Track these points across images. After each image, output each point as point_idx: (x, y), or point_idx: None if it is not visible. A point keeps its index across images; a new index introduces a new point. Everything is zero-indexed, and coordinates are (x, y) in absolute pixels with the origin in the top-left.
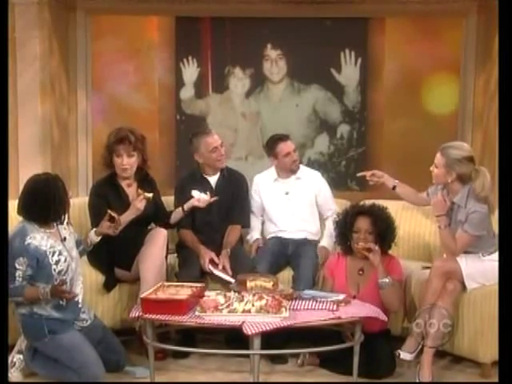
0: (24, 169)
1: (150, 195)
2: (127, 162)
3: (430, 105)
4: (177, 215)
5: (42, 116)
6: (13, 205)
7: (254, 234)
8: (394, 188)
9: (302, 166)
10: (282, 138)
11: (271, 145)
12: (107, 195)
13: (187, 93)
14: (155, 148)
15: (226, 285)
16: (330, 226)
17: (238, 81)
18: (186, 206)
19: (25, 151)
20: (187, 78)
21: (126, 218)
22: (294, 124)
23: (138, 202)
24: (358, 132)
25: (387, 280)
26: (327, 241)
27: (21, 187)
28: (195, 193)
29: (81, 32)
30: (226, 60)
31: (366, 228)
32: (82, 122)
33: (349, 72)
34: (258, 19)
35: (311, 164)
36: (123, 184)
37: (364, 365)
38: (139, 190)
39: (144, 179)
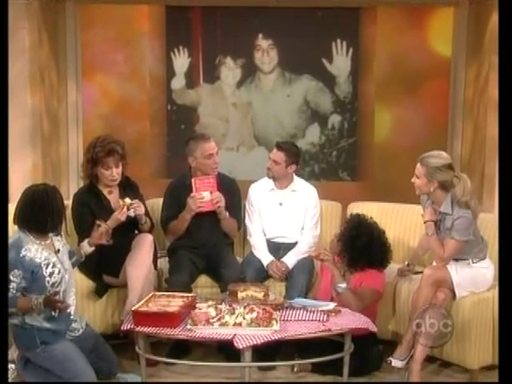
0: (14, 161)
1: (130, 202)
2: (116, 173)
3: (420, 95)
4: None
5: (32, 107)
6: None
7: (265, 256)
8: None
9: (298, 179)
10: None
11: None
12: (89, 203)
13: (178, 83)
14: (146, 138)
15: (216, 294)
16: (299, 246)
17: (229, 71)
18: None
19: (15, 143)
20: (178, 68)
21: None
22: (285, 114)
23: (120, 214)
24: (349, 122)
25: (343, 286)
26: (289, 257)
27: (10, 181)
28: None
29: (70, 22)
30: (217, 50)
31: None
32: (72, 112)
33: (340, 62)
34: (250, 9)
35: (302, 154)
36: (104, 191)
37: (354, 372)
38: (120, 201)
39: (126, 184)
